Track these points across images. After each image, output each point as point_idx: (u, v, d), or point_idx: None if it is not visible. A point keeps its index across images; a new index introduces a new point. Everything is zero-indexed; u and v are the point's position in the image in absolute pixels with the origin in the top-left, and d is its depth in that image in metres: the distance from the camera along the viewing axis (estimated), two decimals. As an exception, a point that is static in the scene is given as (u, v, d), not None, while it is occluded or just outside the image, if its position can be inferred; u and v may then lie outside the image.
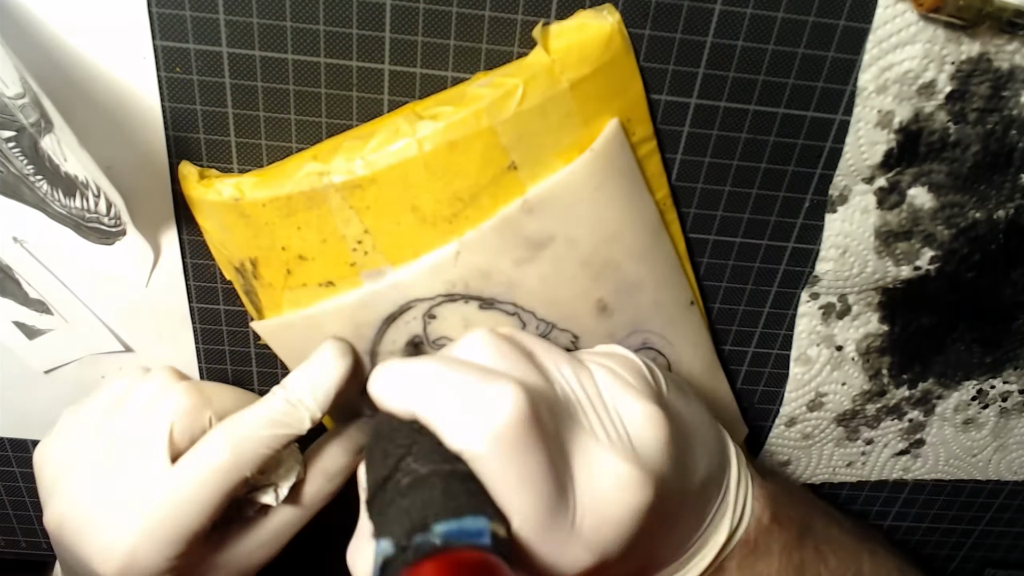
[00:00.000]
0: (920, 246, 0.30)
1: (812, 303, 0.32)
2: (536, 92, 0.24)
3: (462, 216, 0.25)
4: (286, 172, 0.25)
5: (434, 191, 0.24)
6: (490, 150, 0.24)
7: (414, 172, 0.24)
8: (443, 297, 0.26)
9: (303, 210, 0.25)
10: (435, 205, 0.24)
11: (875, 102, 0.27)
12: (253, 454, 0.23)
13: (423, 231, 0.25)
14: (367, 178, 0.24)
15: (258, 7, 0.24)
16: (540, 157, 0.25)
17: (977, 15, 0.24)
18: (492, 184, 0.24)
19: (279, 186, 0.25)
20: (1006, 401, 0.36)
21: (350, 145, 0.24)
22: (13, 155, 0.24)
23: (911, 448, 0.37)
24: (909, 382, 0.34)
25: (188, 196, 0.27)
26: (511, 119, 0.24)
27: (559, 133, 0.25)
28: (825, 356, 0.33)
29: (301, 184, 0.24)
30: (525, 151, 0.24)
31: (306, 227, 0.25)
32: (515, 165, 0.24)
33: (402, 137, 0.24)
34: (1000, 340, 0.33)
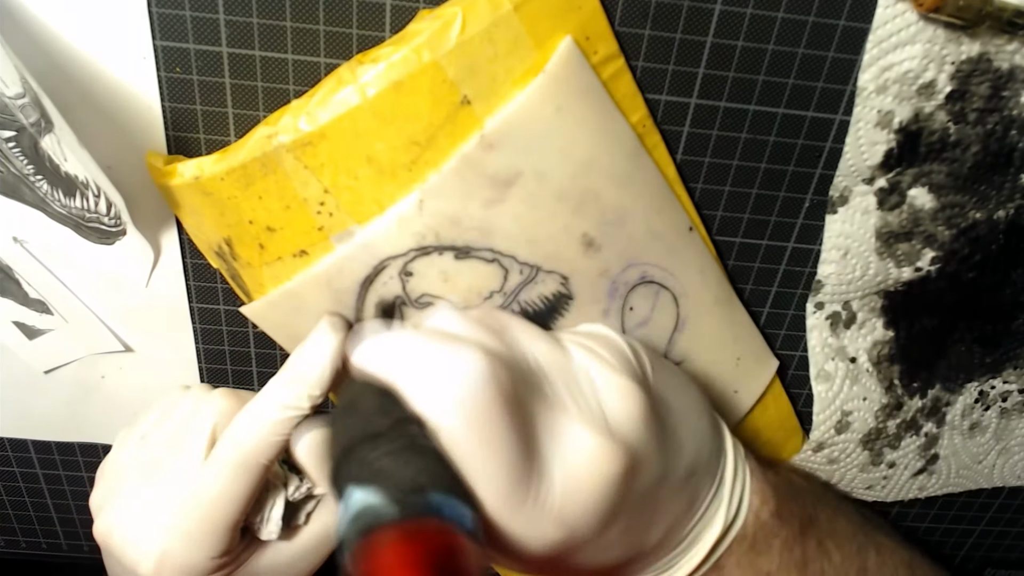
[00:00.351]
0: (921, 247, 0.30)
1: (819, 314, 0.31)
2: (477, 18, 0.22)
3: (421, 161, 0.23)
4: (240, 142, 0.24)
5: (387, 138, 0.23)
6: (438, 86, 0.23)
7: (362, 120, 0.23)
8: (415, 251, 0.24)
9: (260, 178, 0.24)
10: (391, 153, 0.23)
11: (875, 102, 0.27)
12: (265, 442, 0.23)
13: (384, 182, 0.24)
14: (315, 133, 0.23)
15: (258, 7, 0.24)
16: (494, 88, 0.23)
17: (977, 15, 0.24)
18: (447, 122, 0.23)
19: (233, 156, 0.24)
20: (1006, 401, 0.36)
21: (297, 104, 0.24)
22: (13, 155, 0.24)
23: (927, 466, 0.36)
24: (920, 390, 0.34)
25: (159, 186, 0.26)
26: (455, 50, 0.22)
27: (510, 59, 0.23)
28: (843, 370, 0.33)
29: (253, 150, 0.23)
30: (476, 83, 0.23)
31: (267, 195, 0.24)
32: (468, 99, 0.23)
33: (344, 85, 0.23)
34: (1000, 340, 0.33)
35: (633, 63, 0.26)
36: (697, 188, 0.29)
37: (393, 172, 0.23)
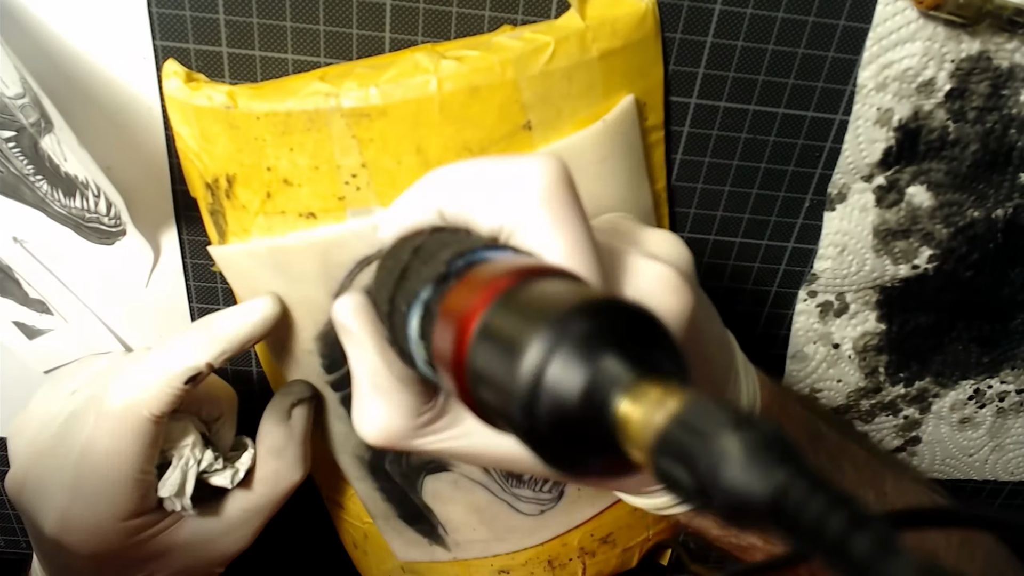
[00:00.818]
0: (918, 245, 0.30)
1: (810, 301, 0.32)
2: (565, 55, 0.23)
3: None
4: (288, 88, 0.23)
5: (444, 135, 0.23)
6: (509, 104, 0.23)
7: (428, 111, 0.23)
8: None
9: (301, 131, 0.23)
10: (442, 151, 0.23)
11: (875, 100, 0.27)
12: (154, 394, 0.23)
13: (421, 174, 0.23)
14: (378, 108, 0.23)
15: (258, 7, 0.24)
16: (556, 122, 0.24)
17: (977, 13, 0.24)
18: (504, 140, 0.23)
19: (279, 101, 0.23)
20: (1003, 401, 0.36)
21: (363, 72, 0.23)
22: (13, 155, 0.24)
23: (906, 445, 0.37)
24: (905, 380, 0.34)
25: (170, 97, 0.25)
26: (537, 76, 0.23)
27: (579, 102, 0.24)
28: (822, 354, 0.33)
29: (305, 102, 0.23)
30: (543, 112, 0.24)
31: (300, 150, 0.23)
32: (530, 125, 0.24)
33: (422, 73, 0.23)
34: (998, 340, 0.33)
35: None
36: (697, 188, 0.29)
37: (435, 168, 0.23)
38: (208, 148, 0.24)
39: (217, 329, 0.24)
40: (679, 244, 0.20)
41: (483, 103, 0.23)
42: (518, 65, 0.23)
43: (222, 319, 0.24)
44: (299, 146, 0.23)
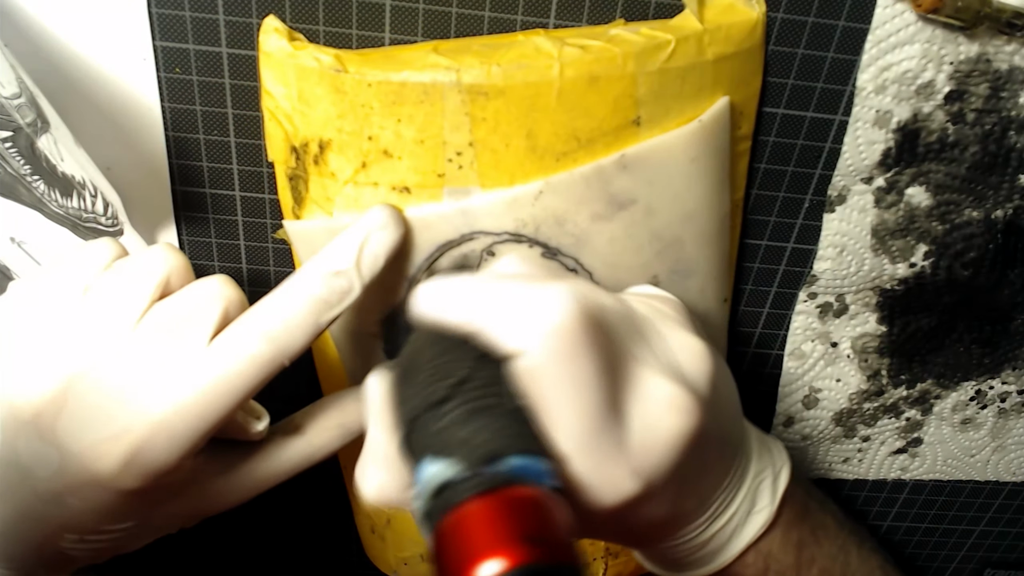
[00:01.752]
0: (915, 243, 0.30)
1: (810, 302, 0.32)
2: (684, 55, 0.24)
3: (571, 157, 0.24)
4: (401, 59, 0.23)
5: (556, 123, 0.23)
6: (624, 98, 0.23)
7: (545, 96, 0.23)
8: (510, 235, 0.24)
9: (413, 102, 0.23)
10: (551, 137, 0.24)
11: (874, 102, 0.27)
12: (292, 341, 0.21)
13: (528, 161, 0.24)
14: (498, 87, 0.23)
15: (258, 7, 0.24)
16: (663, 121, 0.24)
17: (975, 16, 0.24)
18: (613, 133, 0.24)
19: (394, 70, 0.23)
20: (1004, 402, 0.36)
21: (481, 50, 0.23)
22: (10, 155, 0.24)
23: (908, 447, 0.37)
24: (907, 382, 0.34)
25: (268, 54, 0.24)
26: (655, 73, 0.23)
27: (687, 103, 0.24)
28: (819, 352, 0.33)
29: (423, 74, 0.23)
30: (654, 110, 0.24)
31: (408, 121, 0.23)
32: (639, 121, 0.24)
33: (545, 57, 0.23)
34: (999, 341, 0.34)
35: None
36: (697, 188, 0.29)
37: (542, 155, 0.24)
38: (304, 111, 0.24)
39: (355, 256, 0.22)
40: (703, 357, 0.21)
41: (600, 94, 0.23)
42: (639, 59, 0.23)
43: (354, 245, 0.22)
44: (408, 118, 0.23)
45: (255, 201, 0.28)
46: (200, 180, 0.28)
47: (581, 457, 0.18)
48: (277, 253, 0.30)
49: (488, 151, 0.24)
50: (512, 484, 0.16)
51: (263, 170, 0.28)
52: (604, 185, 0.24)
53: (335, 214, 0.25)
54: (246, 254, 0.30)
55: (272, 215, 0.29)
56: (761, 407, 0.35)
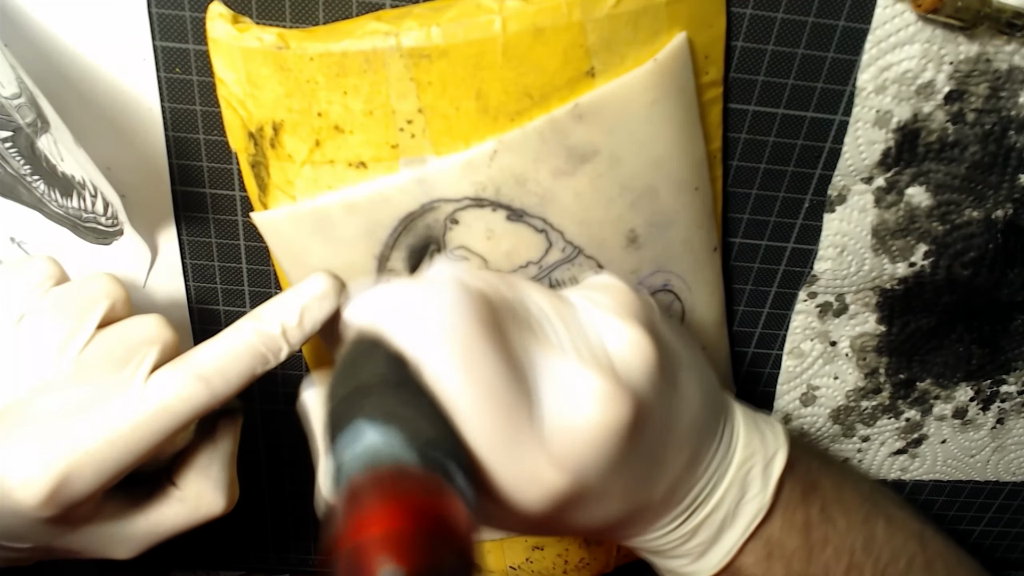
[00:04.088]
0: (915, 242, 0.30)
1: (809, 302, 0.32)
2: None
3: (526, 115, 0.23)
4: (343, 29, 0.23)
5: (505, 80, 0.23)
6: (574, 49, 0.22)
7: (490, 54, 0.22)
8: (471, 201, 0.24)
9: (357, 72, 0.22)
10: (502, 96, 0.23)
11: (874, 102, 0.27)
12: (225, 387, 0.22)
13: (480, 123, 0.23)
14: (439, 48, 0.22)
15: (258, 7, 0.24)
16: (619, 70, 0.23)
17: (975, 16, 0.24)
18: (567, 87, 0.23)
19: (334, 41, 0.22)
20: (1005, 402, 0.36)
21: (422, 13, 0.22)
22: (10, 155, 0.24)
23: (908, 448, 0.37)
24: (906, 382, 0.34)
25: (215, 40, 0.23)
26: (604, 19, 0.22)
27: (642, 49, 0.23)
28: (818, 350, 0.33)
29: (362, 42, 0.22)
30: (607, 59, 0.23)
31: (354, 93, 0.23)
32: (594, 72, 0.23)
33: (485, 12, 0.22)
34: (999, 341, 0.34)
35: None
36: (697, 188, 0.29)
37: (495, 116, 0.23)
38: (255, 93, 0.23)
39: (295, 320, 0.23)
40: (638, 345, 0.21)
41: (547, 46, 0.22)
42: (584, 7, 0.22)
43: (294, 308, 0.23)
44: (353, 89, 0.23)
45: (255, 201, 0.28)
46: (200, 180, 0.28)
47: (496, 454, 0.19)
48: (277, 253, 0.30)
49: (439, 116, 0.23)
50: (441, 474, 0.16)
51: (263, 170, 0.28)
52: (561, 138, 0.23)
53: (297, 198, 0.24)
54: (246, 254, 0.30)
55: (272, 215, 0.29)
56: (762, 406, 0.35)
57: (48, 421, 0.21)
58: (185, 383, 0.21)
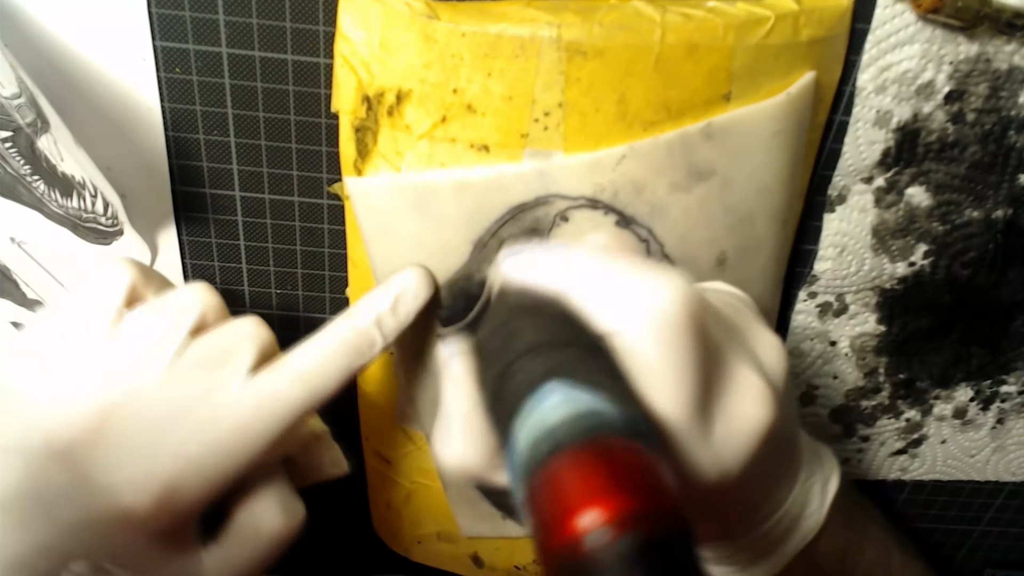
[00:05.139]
0: (915, 242, 0.30)
1: (809, 302, 0.32)
2: (780, 33, 0.23)
3: (659, 127, 0.23)
4: (498, 11, 0.22)
5: (650, 89, 0.23)
6: (719, 71, 0.23)
7: (643, 61, 0.22)
8: (586, 201, 0.24)
9: (507, 56, 0.22)
10: (643, 104, 0.23)
11: (874, 102, 0.27)
12: (324, 386, 0.21)
13: (615, 128, 0.23)
14: (597, 47, 0.22)
15: (258, 7, 0.24)
16: (753, 98, 0.24)
17: (975, 16, 0.24)
18: (703, 105, 0.23)
19: (491, 22, 0.22)
20: (1004, 402, 0.36)
21: (580, 8, 0.22)
22: (10, 155, 0.24)
23: (908, 448, 0.37)
24: (906, 382, 0.34)
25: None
26: (753, 47, 0.23)
27: (777, 82, 0.24)
28: (818, 350, 0.33)
29: (520, 28, 0.22)
30: (745, 86, 0.23)
31: (499, 76, 0.22)
32: (730, 96, 0.23)
33: (646, 21, 0.22)
34: (998, 341, 0.34)
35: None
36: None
37: (631, 123, 0.23)
38: (385, 58, 0.23)
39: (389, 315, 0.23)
40: (782, 354, 0.21)
41: (697, 64, 0.23)
42: (739, 32, 0.23)
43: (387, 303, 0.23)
44: (499, 72, 0.22)
45: (255, 201, 0.28)
46: (200, 180, 0.28)
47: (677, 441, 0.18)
48: (277, 253, 0.30)
49: (577, 113, 0.23)
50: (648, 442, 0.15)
51: (263, 170, 0.28)
52: (687, 154, 0.24)
53: (403, 170, 0.24)
54: (246, 254, 0.30)
55: (272, 215, 0.29)
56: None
57: (150, 429, 0.20)
58: (284, 383, 0.21)
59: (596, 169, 0.24)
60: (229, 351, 0.21)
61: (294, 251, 0.30)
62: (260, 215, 0.29)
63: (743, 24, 0.23)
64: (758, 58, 0.23)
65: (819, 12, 0.24)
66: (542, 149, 0.23)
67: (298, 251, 0.30)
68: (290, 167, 0.28)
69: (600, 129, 0.23)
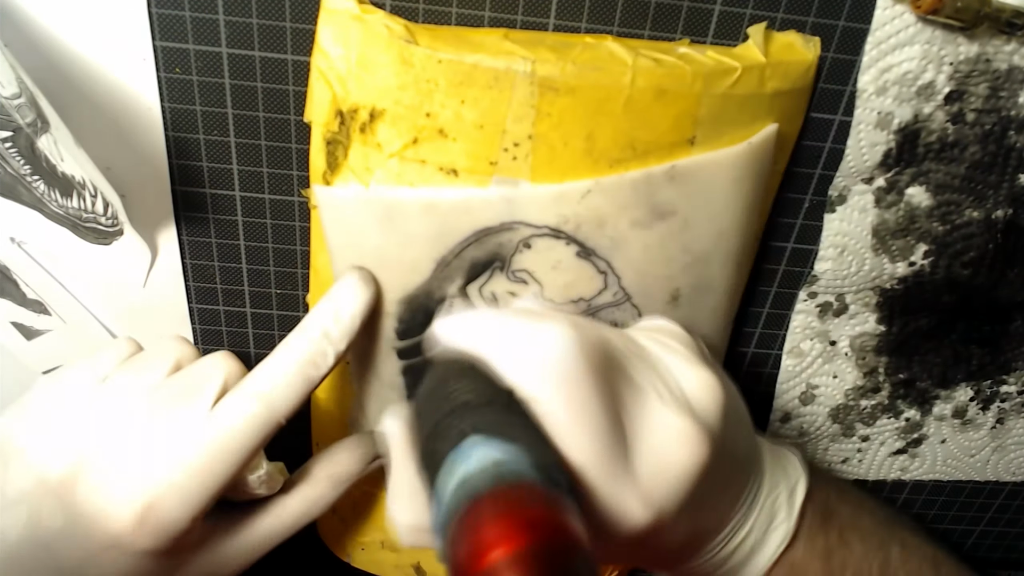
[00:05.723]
0: (915, 242, 0.30)
1: (810, 302, 0.32)
2: (746, 83, 0.24)
3: (623, 165, 0.24)
4: (474, 41, 0.23)
5: (618, 129, 0.24)
6: (685, 116, 0.24)
7: (613, 101, 0.23)
8: (550, 230, 0.25)
9: (482, 86, 0.23)
10: (609, 143, 0.24)
11: (875, 104, 0.27)
12: (285, 401, 0.23)
13: (581, 163, 0.24)
14: (570, 84, 0.23)
15: (258, 7, 0.24)
16: (715, 144, 0.25)
17: (975, 16, 0.24)
18: (667, 148, 0.24)
19: (467, 51, 0.22)
20: (1004, 402, 0.36)
21: (554, 44, 0.23)
22: (10, 155, 0.24)
23: (908, 448, 0.37)
24: (905, 382, 0.34)
25: (333, 11, 0.23)
26: (719, 96, 0.24)
27: (740, 130, 0.25)
28: (818, 350, 0.33)
29: (496, 60, 0.22)
30: (709, 132, 0.24)
31: (472, 104, 0.23)
32: (694, 141, 0.24)
33: (618, 63, 0.23)
34: (999, 341, 0.34)
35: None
36: (697, 188, 0.29)
37: (597, 159, 0.24)
38: (362, 76, 0.23)
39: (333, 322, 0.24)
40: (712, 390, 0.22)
41: (664, 107, 0.23)
42: (707, 81, 0.23)
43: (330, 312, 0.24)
44: (473, 101, 0.23)
45: (255, 201, 0.28)
46: (200, 180, 0.28)
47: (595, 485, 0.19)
48: (277, 253, 0.30)
49: (546, 146, 0.23)
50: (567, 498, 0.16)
51: (263, 170, 0.28)
52: (650, 193, 0.24)
53: (371, 186, 0.24)
54: (246, 254, 0.30)
55: (272, 215, 0.29)
56: (761, 407, 0.35)
57: (129, 459, 0.22)
58: (245, 404, 0.22)
59: (561, 201, 0.24)
60: (199, 383, 0.23)
61: (294, 251, 0.30)
62: (260, 215, 0.29)
63: (711, 73, 0.23)
64: (723, 106, 0.24)
65: (784, 66, 0.25)
66: (509, 177, 0.24)
67: (298, 251, 0.30)
68: (290, 167, 0.28)
69: (567, 163, 0.24)
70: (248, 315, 0.31)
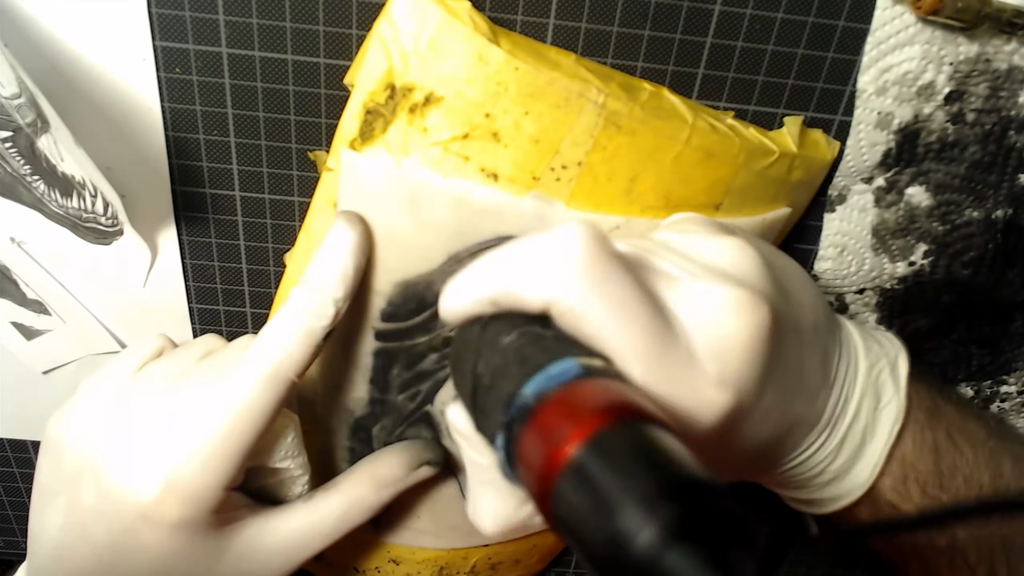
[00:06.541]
0: (915, 242, 0.30)
1: (811, 303, 0.32)
2: (779, 168, 0.26)
3: (653, 211, 0.25)
4: (554, 60, 0.23)
5: (660, 178, 0.24)
6: (720, 183, 0.25)
7: (665, 152, 0.24)
8: None
9: (550, 104, 0.23)
10: (649, 189, 0.24)
11: (875, 104, 0.27)
12: (295, 352, 0.23)
13: (619, 200, 0.24)
14: (632, 126, 0.23)
15: (258, 7, 0.24)
16: (736, 213, 0.26)
17: (976, 16, 0.24)
18: (696, 207, 0.25)
19: (545, 66, 0.23)
20: (1004, 402, 0.36)
21: (624, 83, 0.24)
22: (10, 155, 0.24)
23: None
24: (907, 382, 0.34)
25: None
26: (754, 172, 0.25)
27: (760, 208, 0.26)
28: None
29: (572, 83, 0.22)
30: (735, 201, 0.25)
31: (536, 117, 0.23)
32: (720, 206, 0.25)
33: (680, 119, 0.24)
34: (998, 341, 0.34)
35: (632, 63, 0.26)
36: (697, 188, 0.29)
37: (633, 201, 0.25)
38: (428, 58, 0.23)
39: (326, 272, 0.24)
40: (742, 250, 0.20)
41: (706, 170, 0.24)
42: (750, 155, 0.25)
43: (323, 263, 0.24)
44: (537, 115, 0.23)
45: (255, 201, 0.28)
46: (200, 180, 0.28)
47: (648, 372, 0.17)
48: (277, 253, 0.30)
49: (591, 176, 0.24)
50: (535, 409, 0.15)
51: (263, 170, 0.28)
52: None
53: (402, 164, 0.24)
54: (246, 254, 0.30)
55: (272, 215, 0.29)
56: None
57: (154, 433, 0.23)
58: (252, 363, 0.23)
59: None
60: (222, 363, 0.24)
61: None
62: (260, 215, 0.29)
63: (754, 150, 0.25)
64: (755, 183, 0.25)
65: (809, 160, 0.27)
66: (547, 196, 0.24)
67: (298, 251, 0.30)
68: (290, 167, 0.28)
69: (605, 196, 0.24)
70: (248, 315, 0.31)
